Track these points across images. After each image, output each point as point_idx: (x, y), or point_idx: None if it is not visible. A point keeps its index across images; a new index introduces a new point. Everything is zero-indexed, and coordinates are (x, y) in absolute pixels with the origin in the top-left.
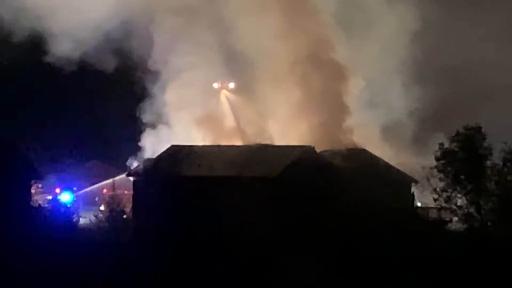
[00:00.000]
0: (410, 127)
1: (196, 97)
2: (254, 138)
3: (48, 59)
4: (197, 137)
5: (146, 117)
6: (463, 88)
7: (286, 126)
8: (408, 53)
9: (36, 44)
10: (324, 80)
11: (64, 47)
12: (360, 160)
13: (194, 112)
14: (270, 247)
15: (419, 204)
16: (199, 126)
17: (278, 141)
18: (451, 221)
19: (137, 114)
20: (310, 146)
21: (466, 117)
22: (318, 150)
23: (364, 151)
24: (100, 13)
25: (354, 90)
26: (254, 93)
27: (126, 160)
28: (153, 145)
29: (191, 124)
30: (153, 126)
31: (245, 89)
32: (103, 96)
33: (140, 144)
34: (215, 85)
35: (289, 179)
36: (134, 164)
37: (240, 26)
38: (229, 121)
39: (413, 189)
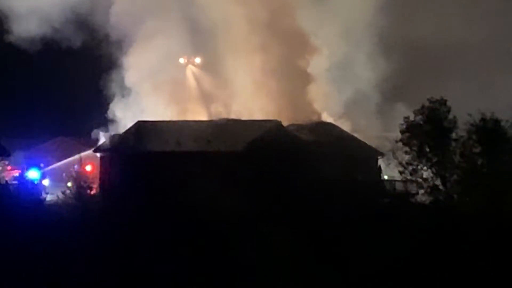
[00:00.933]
0: (375, 99)
1: (162, 72)
2: (220, 113)
3: (11, 38)
4: (164, 113)
5: (112, 92)
6: (427, 61)
7: (252, 100)
8: (372, 26)
9: None
10: (288, 51)
11: (27, 25)
12: (326, 134)
13: (160, 87)
14: (236, 222)
15: (386, 177)
16: (166, 102)
17: (244, 116)
18: (417, 193)
19: (103, 89)
20: (276, 120)
21: (431, 90)
22: (284, 124)
23: (330, 124)
24: None
25: (318, 62)
26: (220, 67)
27: (95, 137)
28: (119, 120)
29: (157, 100)
30: (120, 100)
31: (211, 63)
32: (69, 72)
33: (107, 117)
34: (181, 60)
35: (255, 153)
36: (101, 137)
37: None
38: (196, 96)
39: (380, 162)
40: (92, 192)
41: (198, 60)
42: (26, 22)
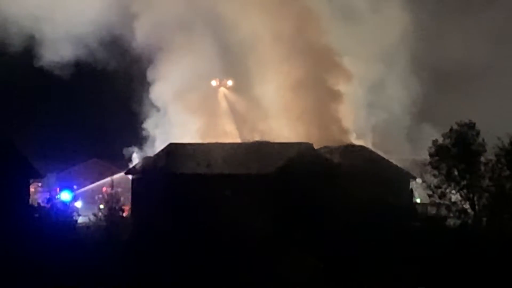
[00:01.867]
0: (405, 122)
1: (195, 94)
2: (252, 135)
3: (42, 62)
4: (196, 135)
5: (144, 113)
6: (457, 84)
7: (283, 122)
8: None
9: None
10: (319, 72)
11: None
12: (358, 157)
13: (193, 110)
14: (267, 245)
15: (418, 201)
16: (198, 124)
17: (276, 138)
18: (449, 217)
19: (136, 111)
20: (307, 143)
21: (460, 113)
22: (315, 147)
23: (361, 147)
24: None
25: (349, 83)
26: (252, 90)
27: (127, 159)
28: (152, 140)
29: (190, 122)
30: (152, 121)
31: (242, 86)
32: (102, 94)
33: (140, 137)
34: (213, 83)
35: (287, 176)
36: (134, 157)
37: (237, 22)
38: (228, 119)
39: (412, 185)
40: (124, 214)
41: (230, 82)
42: (56, 45)
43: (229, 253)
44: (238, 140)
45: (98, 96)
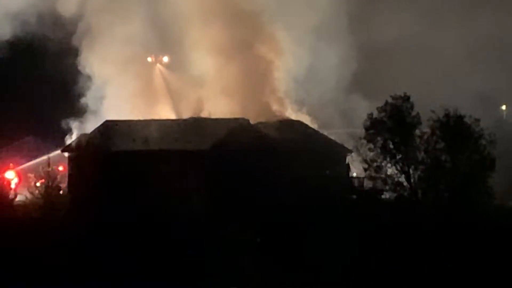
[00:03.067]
0: (341, 97)
1: (130, 70)
2: (188, 111)
3: None
4: (132, 111)
5: (80, 92)
6: (391, 59)
7: (219, 99)
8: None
9: None
10: (254, 48)
11: None
12: (294, 131)
13: (128, 86)
14: (203, 221)
15: (354, 174)
16: (134, 100)
17: (213, 115)
18: (385, 190)
19: (71, 89)
20: (244, 118)
21: (395, 87)
22: (252, 122)
23: (297, 122)
24: None
25: (284, 59)
26: (188, 66)
27: (64, 137)
28: (88, 120)
29: (125, 98)
30: (87, 100)
31: (178, 62)
32: (36, 73)
33: (76, 119)
34: (149, 59)
35: (223, 152)
36: (72, 132)
37: None
38: (164, 95)
39: (348, 159)
40: (61, 192)
41: (166, 59)
42: None
43: (163, 230)
44: (174, 117)
45: (32, 73)
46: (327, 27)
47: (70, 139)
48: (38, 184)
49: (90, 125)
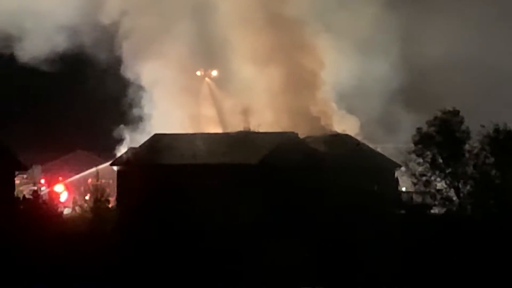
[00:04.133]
0: (391, 111)
1: (179, 85)
2: (236, 125)
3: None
4: (181, 125)
5: (129, 105)
6: (441, 74)
7: (268, 113)
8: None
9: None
10: (302, 62)
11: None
12: (342, 146)
13: (177, 100)
14: (254, 235)
15: (403, 189)
16: (182, 114)
17: (261, 129)
18: (434, 205)
19: (120, 102)
20: (292, 132)
21: (442, 101)
22: (300, 136)
23: (346, 136)
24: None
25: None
26: (237, 80)
27: (112, 150)
28: (137, 133)
29: (174, 112)
30: (136, 113)
31: (227, 76)
32: (88, 87)
33: (124, 132)
34: (198, 73)
35: (271, 166)
36: (126, 138)
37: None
38: (211, 109)
39: (397, 173)
40: (110, 205)
41: (214, 72)
42: (36, 39)
43: (215, 244)
44: (222, 131)
45: (83, 88)
46: (374, 40)
47: (119, 153)
48: (86, 197)
49: (139, 138)
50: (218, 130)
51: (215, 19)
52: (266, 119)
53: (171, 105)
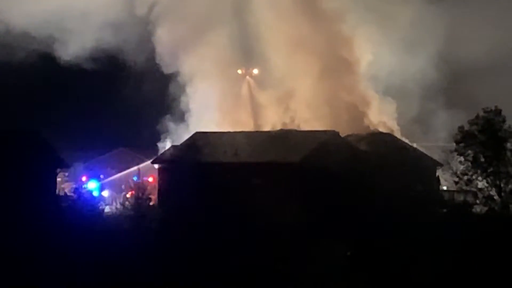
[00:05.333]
0: (432, 110)
1: (221, 83)
2: (276, 123)
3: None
4: (222, 124)
5: (171, 104)
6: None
7: (310, 111)
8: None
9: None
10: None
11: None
12: (384, 145)
13: (219, 98)
14: (294, 232)
15: (445, 188)
16: (224, 112)
17: (302, 127)
18: (475, 204)
19: (163, 101)
20: (333, 130)
21: (482, 101)
22: (342, 135)
23: (388, 135)
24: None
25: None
26: (277, 78)
27: (153, 147)
28: (178, 131)
29: (216, 110)
30: (179, 113)
31: (268, 74)
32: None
33: (166, 130)
34: (239, 71)
35: (312, 164)
36: (161, 150)
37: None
38: (252, 107)
39: (439, 172)
40: (151, 203)
41: (255, 71)
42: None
43: (260, 243)
44: (263, 129)
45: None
46: (415, 36)
47: (161, 150)
48: (128, 195)
49: (180, 136)
50: (258, 128)
51: (256, 17)
52: (306, 115)
53: (211, 102)
